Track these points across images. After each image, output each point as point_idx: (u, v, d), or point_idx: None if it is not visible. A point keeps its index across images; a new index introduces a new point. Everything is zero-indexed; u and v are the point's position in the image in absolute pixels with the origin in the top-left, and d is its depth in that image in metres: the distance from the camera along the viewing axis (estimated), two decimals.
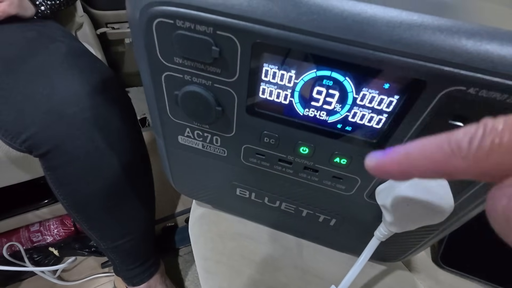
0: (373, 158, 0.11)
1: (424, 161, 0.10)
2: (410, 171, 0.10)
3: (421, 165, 0.10)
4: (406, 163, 0.10)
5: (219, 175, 0.28)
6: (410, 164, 0.10)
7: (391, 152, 0.11)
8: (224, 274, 0.30)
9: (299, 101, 0.19)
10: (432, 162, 0.09)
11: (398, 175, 0.11)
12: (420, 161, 0.10)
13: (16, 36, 0.41)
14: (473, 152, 0.08)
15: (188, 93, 0.20)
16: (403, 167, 0.10)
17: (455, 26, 0.14)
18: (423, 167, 0.10)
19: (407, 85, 0.16)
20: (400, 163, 0.10)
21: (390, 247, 0.27)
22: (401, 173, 0.10)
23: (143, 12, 0.17)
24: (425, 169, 0.10)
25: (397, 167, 0.10)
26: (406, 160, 0.10)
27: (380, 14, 0.15)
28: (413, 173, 0.10)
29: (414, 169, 0.10)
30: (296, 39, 0.16)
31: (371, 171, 0.11)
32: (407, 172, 0.10)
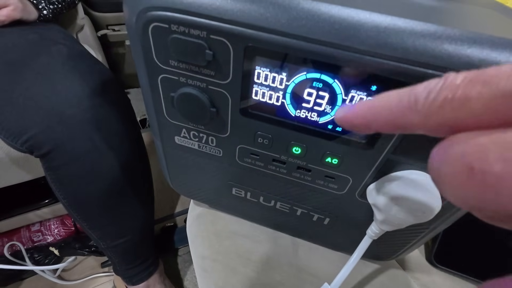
0: (341, 111, 0.11)
1: (384, 113, 0.10)
2: (372, 124, 0.10)
3: (381, 117, 0.10)
4: (370, 116, 0.10)
5: (215, 175, 0.28)
6: (373, 118, 0.10)
7: (358, 105, 0.11)
8: (221, 273, 0.30)
9: (291, 103, 0.19)
10: (391, 114, 0.09)
11: (362, 127, 0.11)
12: (381, 113, 0.10)
13: (19, 39, 0.42)
14: (427, 106, 0.08)
15: (183, 94, 0.21)
16: (366, 120, 0.10)
17: (438, 31, 0.15)
18: (382, 119, 0.10)
19: (393, 87, 0.16)
20: (365, 116, 0.10)
21: (382, 245, 0.27)
22: (364, 125, 0.11)
23: (140, 16, 0.18)
24: (383, 121, 0.10)
25: (361, 120, 0.10)
26: (370, 113, 0.10)
27: (367, 19, 0.15)
28: (374, 126, 0.10)
29: (375, 123, 0.10)
30: (287, 43, 0.16)
31: (339, 122, 0.12)
32: (369, 125, 0.10)
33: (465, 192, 0.07)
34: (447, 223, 0.23)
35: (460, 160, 0.07)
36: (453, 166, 0.07)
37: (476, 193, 0.07)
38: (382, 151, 0.20)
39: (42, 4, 0.47)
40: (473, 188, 0.07)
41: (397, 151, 0.19)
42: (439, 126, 0.08)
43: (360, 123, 0.11)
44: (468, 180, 0.07)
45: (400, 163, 0.20)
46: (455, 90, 0.08)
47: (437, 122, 0.08)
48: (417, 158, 0.19)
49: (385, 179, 0.21)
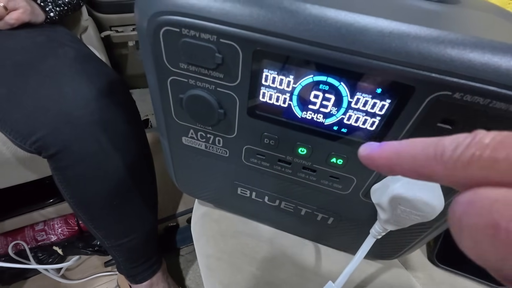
0: (367, 148, 0.11)
1: (408, 160, 0.10)
2: (395, 168, 0.10)
3: (405, 164, 0.10)
4: (394, 160, 0.10)
5: (221, 175, 0.29)
6: (397, 162, 0.10)
7: (383, 146, 0.11)
8: (225, 271, 0.31)
9: (297, 104, 0.20)
10: (415, 162, 0.09)
11: (385, 169, 0.11)
12: (406, 160, 0.10)
13: (27, 41, 0.42)
14: (453, 160, 0.08)
15: (192, 96, 0.21)
16: (390, 163, 0.10)
17: (441, 36, 0.15)
18: (406, 166, 0.10)
19: (398, 90, 0.17)
20: (389, 158, 0.10)
21: (385, 244, 0.28)
22: (388, 167, 0.11)
23: (151, 20, 0.18)
24: (407, 168, 0.10)
25: (385, 162, 0.11)
26: (395, 157, 0.10)
27: (372, 24, 0.16)
28: (397, 170, 0.10)
29: (399, 167, 0.10)
30: (294, 47, 0.17)
31: (362, 160, 0.12)
32: (392, 168, 0.11)
33: (485, 249, 0.07)
34: None
35: (486, 216, 0.07)
36: (477, 219, 0.07)
37: (498, 251, 0.07)
38: None
39: (49, 7, 0.47)
40: (495, 246, 0.07)
41: None
42: (464, 180, 0.08)
43: (383, 165, 0.11)
44: (491, 237, 0.07)
45: None
46: (483, 149, 0.08)
47: (462, 177, 0.08)
48: None
49: (389, 179, 0.21)
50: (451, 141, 0.08)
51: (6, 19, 0.42)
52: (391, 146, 0.11)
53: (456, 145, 0.08)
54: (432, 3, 0.22)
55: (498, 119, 0.16)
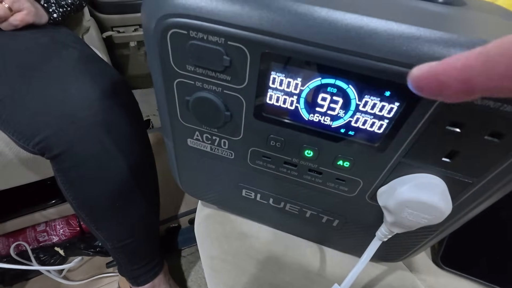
0: (424, 66, 0.08)
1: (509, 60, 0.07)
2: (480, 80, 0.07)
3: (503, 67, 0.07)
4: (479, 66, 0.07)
5: (226, 177, 0.29)
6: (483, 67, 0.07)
7: (454, 56, 0.08)
8: (230, 273, 0.31)
9: (305, 107, 0.20)
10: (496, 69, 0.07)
11: (459, 86, 0.08)
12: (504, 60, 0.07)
13: (30, 42, 0.42)
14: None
15: (199, 98, 0.21)
16: (472, 72, 0.07)
17: (451, 39, 0.15)
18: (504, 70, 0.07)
19: (407, 92, 0.17)
20: (469, 65, 0.07)
21: (391, 247, 0.28)
22: (465, 82, 0.07)
23: (159, 23, 0.18)
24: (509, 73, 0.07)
25: (461, 74, 0.07)
26: (479, 61, 0.07)
27: (381, 27, 0.16)
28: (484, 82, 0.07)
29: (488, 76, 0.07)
30: (303, 50, 0.17)
31: (416, 83, 0.08)
32: (474, 81, 0.07)
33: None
34: (455, 226, 0.24)
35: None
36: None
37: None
38: (394, 154, 0.20)
39: (52, 8, 0.48)
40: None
41: (409, 154, 0.20)
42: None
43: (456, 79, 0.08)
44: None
45: (411, 166, 0.20)
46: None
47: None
48: (428, 162, 0.20)
49: (396, 182, 0.21)
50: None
51: (10, 20, 0.42)
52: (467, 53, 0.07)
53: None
54: (438, 5, 0.22)
55: (508, 122, 0.16)
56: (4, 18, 0.42)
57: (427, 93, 0.08)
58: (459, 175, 0.20)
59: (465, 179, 0.20)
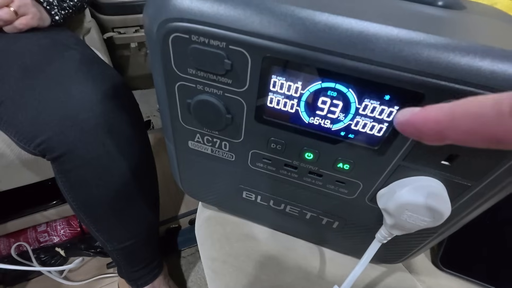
0: (407, 112, 0.09)
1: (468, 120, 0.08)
2: (448, 133, 0.08)
3: (463, 125, 0.08)
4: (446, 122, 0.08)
5: (227, 179, 0.29)
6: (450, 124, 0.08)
7: (429, 109, 0.09)
8: (231, 274, 0.31)
9: (305, 110, 0.20)
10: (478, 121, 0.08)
11: (433, 136, 0.09)
12: (464, 120, 0.08)
13: (32, 44, 0.42)
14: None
15: (200, 101, 0.22)
16: (440, 127, 0.08)
17: (450, 44, 0.15)
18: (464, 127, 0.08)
19: (406, 97, 0.17)
20: (439, 121, 0.08)
21: (390, 249, 0.28)
22: (437, 133, 0.09)
23: (161, 27, 0.19)
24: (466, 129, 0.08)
25: (434, 126, 0.09)
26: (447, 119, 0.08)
27: (382, 32, 0.16)
28: (450, 135, 0.08)
29: (452, 131, 0.08)
30: (304, 54, 0.17)
31: (400, 127, 0.10)
32: (443, 134, 0.08)
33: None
34: (455, 228, 0.24)
35: None
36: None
37: None
38: (394, 157, 0.20)
39: (54, 10, 0.48)
40: None
41: (408, 157, 0.20)
42: None
43: (431, 130, 0.09)
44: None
45: (411, 169, 0.20)
46: None
47: None
48: (428, 165, 0.20)
49: (395, 184, 0.21)
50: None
51: (15, 23, 0.43)
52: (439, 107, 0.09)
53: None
54: (439, 9, 0.22)
55: None
56: (9, 22, 0.42)
57: (410, 136, 0.10)
58: (458, 178, 0.20)
59: (464, 182, 0.20)
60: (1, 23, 0.42)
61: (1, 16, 0.41)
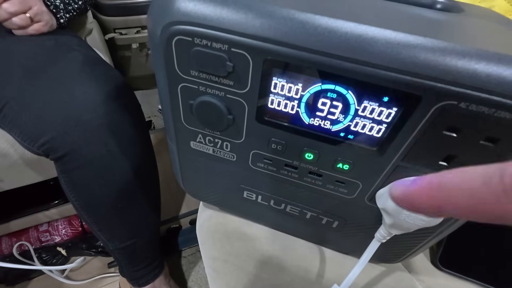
0: (399, 187, 0.09)
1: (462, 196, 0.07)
2: (444, 206, 0.08)
3: (459, 201, 0.07)
4: (442, 198, 0.08)
5: (228, 179, 0.29)
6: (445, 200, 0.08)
7: (423, 183, 0.08)
8: (232, 274, 0.31)
9: (305, 111, 0.21)
10: (472, 198, 0.07)
11: (430, 209, 0.08)
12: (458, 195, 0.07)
13: (36, 46, 0.43)
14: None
15: (202, 102, 0.22)
16: (436, 202, 0.08)
17: (447, 47, 0.16)
18: (461, 204, 0.07)
19: (404, 98, 0.17)
20: (431, 195, 0.08)
21: (390, 248, 0.28)
22: (434, 208, 0.08)
23: (165, 30, 0.19)
24: (463, 206, 0.07)
25: (429, 202, 0.08)
26: (439, 193, 0.08)
27: (380, 35, 0.16)
28: (449, 209, 0.08)
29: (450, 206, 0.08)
30: (304, 57, 0.17)
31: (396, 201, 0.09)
32: (439, 207, 0.08)
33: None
34: (454, 227, 0.24)
35: None
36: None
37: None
38: (392, 158, 0.20)
39: (60, 14, 0.49)
40: None
41: (407, 158, 0.20)
42: None
43: (427, 206, 0.09)
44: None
45: (409, 169, 0.21)
46: None
47: None
48: (426, 165, 0.20)
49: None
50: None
51: (28, 29, 0.44)
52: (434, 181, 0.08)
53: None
54: (436, 12, 0.22)
55: (503, 128, 0.16)
56: (24, 28, 0.44)
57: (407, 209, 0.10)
58: None
59: None
60: (15, 28, 0.44)
61: (17, 22, 0.42)
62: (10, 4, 0.41)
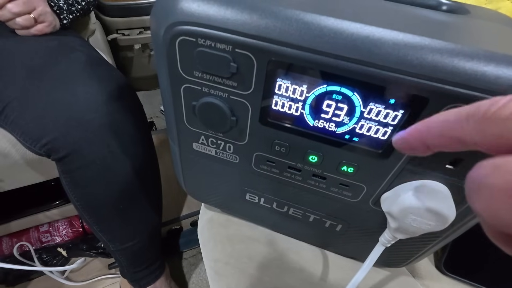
0: (398, 137, 0.12)
1: (438, 126, 0.10)
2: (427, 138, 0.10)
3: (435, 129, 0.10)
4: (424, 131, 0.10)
5: (230, 181, 0.29)
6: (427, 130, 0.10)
7: (413, 126, 0.11)
8: (233, 276, 0.31)
9: (310, 113, 0.20)
10: (446, 125, 0.10)
11: (418, 144, 0.11)
12: (436, 126, 0.10)
13: (39, 46, 0.43)
14: (488, 117, 0.08)
15: (206, 104, 0.22)
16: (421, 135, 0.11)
17: (455, 49, 0.15)
18: (436, 131, 0.10)
19: (411, 101, 0.17)
20: (419, 130, 0.11)
21: (394, 252, 0.28)
22: (420, 141, 0.11)
23: (168, 30, 0.19)
24: (437, 132, 0.10)
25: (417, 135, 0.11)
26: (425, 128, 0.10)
27: (387, 36, 0.16)
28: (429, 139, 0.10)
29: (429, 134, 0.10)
30: (309, 58, 0.17)
31: (398, 147, 0.12)
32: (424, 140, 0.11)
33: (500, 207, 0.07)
34: (459, 232, 0.24)
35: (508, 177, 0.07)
36: (499, 180, 0.08)
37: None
38: (398, 161, 0.20)
39: (63, 14, 0.49)
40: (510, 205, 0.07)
41: (413, 161, 0.20)
42: (498, 139, 0.08)
43: (416, 141, 0.11)
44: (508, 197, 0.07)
45: (415, 173, 0.20)
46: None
47: (497, 134, 0.08)
48: (432, 168, 0.20)
49: (400, 188, 0.22)
50: (486, 101, 0.08)
51: (31, 29, 0.44)
52: (420, 122, 0.11)
53: (493, 103, 0.08)
54: (443, 13, 0.22)
55: None
56: (27, 28, 0.44)
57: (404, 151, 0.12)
58: (462, 182, 0.20)
59: None
60: (19, 28, 0.44)
61: (21, 22, 0.43)
62: (15, 4, 0.41)
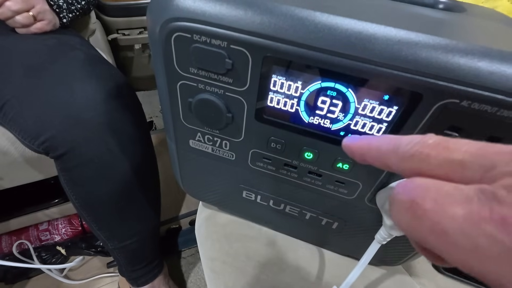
0: (348, 139, 0.14)
1: (375, 150, 0.12)
2: (366, 156, 0.13)
3: (372, 153, 0.12)
4: (365, 150, 0.13)
5: (227, 178, 0.29)
6: (367, 151, 0.13)
7: (361, 138, 0.13)
8: (230, 274, 0.31)
9: (305, 110, 0.20)
10: (379, 152, 0.12)
11: (358, 156, 0.13)
12: (373, 150, 0.12)
13: (38, 44, 0.43)
14: (402, 153, 0.11)
15: (201, 100, 0.22)
16: (362, 152, 0.13)
17: (449, 45, 0.15)
18: (372, 155, 0.12)
19: (405, 97, 0.17)
20: (362, 148, 0.13)
21: (390, 250, 0.28)
22: (359, 155, 0.13)
23: (164, 26, 0.19)
24: (373, 156, 0.12)
25: (358, 150, 0.13)
26: (366, 148, 0.13)
27: (381, 32, 0.16)
28: (367, 158, 0.13)
29: (368, 155, 0.13)
30: (304, 54, 0.17)
31: (344, 148, 0.14)
32: (363, 157, 0.13)
33: (403, 217, 0.10)
34: None
35: (409, 194, 0.10)
36: (404, 197, 0.10)
37: (409, 219, 0.09)
38: None
39: (63, 13, 0.49)
40: (408, 215, 0.09)
41: None
42: (409, 170, 0.11)
43: (357, 153, 0.13)
44: (408, 210, 0.09)
45: None
46: (424, 147, 0.10)
47: (408, 167, 0.11)
48: None
49: (394, 185, 0.21)
50: (407, 138, 0.11)
51: (31, 27, 0.45)
52: (366, 139, 0.13)
53: (409, 142, 0.11)
54: (439, 11, 0.22)
55: (505, 126, 0.16)
56: (27, 26, 0.44)
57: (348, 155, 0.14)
58: None
59: None
60: (18, 26, 0.44)
61: (20, 20, 0.43)
62: (14, 2, 0.41)
